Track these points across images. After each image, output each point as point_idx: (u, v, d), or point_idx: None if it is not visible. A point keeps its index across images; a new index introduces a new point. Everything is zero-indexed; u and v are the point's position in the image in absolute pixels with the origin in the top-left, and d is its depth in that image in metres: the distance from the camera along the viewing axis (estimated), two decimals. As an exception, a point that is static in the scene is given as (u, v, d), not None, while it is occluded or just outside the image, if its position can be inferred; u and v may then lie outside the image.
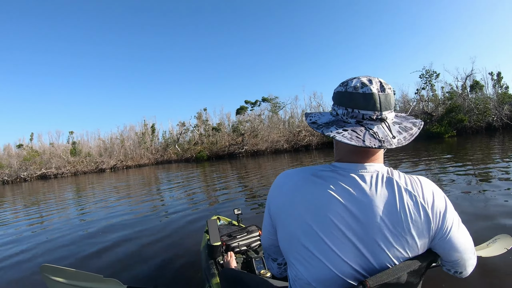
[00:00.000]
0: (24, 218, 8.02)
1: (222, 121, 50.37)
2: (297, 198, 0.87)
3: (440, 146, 16.62)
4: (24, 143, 52.18)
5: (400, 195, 0.82)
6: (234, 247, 2.39)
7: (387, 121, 0.86)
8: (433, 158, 10.96)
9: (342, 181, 0.85)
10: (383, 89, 0.84)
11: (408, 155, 12.75)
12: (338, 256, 0.81)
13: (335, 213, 0.82)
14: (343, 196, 0.83)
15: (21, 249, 4.71)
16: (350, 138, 0.82)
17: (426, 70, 34.02)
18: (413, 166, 9.30)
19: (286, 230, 0.90)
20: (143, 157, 47.62)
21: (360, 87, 0.84)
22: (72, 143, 53.65)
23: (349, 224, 0.81)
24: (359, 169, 0.87)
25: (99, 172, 41.27)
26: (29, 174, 39.69)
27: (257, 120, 43.04)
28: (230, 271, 1.63)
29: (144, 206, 7.81)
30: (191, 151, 44.44)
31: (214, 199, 7.68)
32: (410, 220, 0.80)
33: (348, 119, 0.87)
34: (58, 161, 42.81)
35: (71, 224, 6.34)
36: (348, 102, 0.86)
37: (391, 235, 0.80)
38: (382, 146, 0.80)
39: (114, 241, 4.57)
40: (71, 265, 3.60)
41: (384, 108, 0.84)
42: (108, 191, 13.11)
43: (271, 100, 45.53)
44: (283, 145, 35.38)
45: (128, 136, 54.16)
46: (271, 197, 0.97)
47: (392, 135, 0.83)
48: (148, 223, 5.57)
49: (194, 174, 17.26)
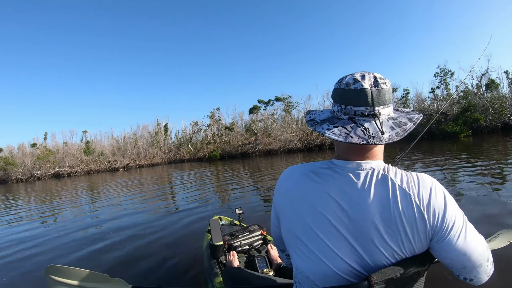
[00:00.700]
0: (36, 214, 8.44)
1: (235, 121, 50.55)
2: (295, 194, 0.90)
3: (456, 146, 16.61)
4: (38, 142, 53.24)
5: (394, 193, 0.80)
6: (236, 246, 2.43)
7: (381, 117, 0.85)
8: (448, 158, 10.98)
9: (338, 179, 0.86)
10: (377, 84, 0.83)
11: (422, 155, 12.85)
12: (334, 253, 0.83)
13: (330, 211, 0.83)
14: (337, 194, 0.84)
15: (31, 245, 5.01)
16: (338, 135, 0.83)
17: (441, 68, 34.06)
18: (427, 166, 9.39)
19: (287, 224, 0.93)
20: (156, 156, 48.06)
21: (352, 83, 0.83)
22: (85, 142, 54.56)
23: (344, 222, 0.82)
24: (355, 166, 0.87)
25: (112, 171, 41.81)
26: (43, 172, 40.42)
27: (270, 119, 43.21)
28: (233, 269, 1.67)
29: (151, 205, 8.04)
30: (204, 150, 44.85)
31: (221, 198, 7.87)
32: (404, 219, 0.78)
33: (341, 115, 0.88)
34: (71, 160, 43.57)
35: (77, 221, 6.68)
36: (341, 99, 0.87)
37: (385, 234, 0.79)
38: (369, 143, 0.79)
39: (119, 239, 4.73)
40: (78, 261, 3.94)
41: (377, 104, 0.83)
42: (117, 190, 13.57)
43: (284, 100, 45.58)
44: (296, 144, 35.61)
45: (141, 136, 54.86)
46: (276, 191, 1.01)
47: (382, 131, 0.82)
48: (154, 222, 5.73)
49: (205, 173, 17.54)
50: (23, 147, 53.49)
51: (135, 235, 4.88)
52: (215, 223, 2.38)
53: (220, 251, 2.30)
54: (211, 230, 2.31)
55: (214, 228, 2.34)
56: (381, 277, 0.77)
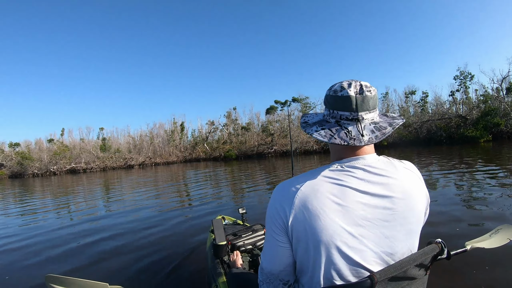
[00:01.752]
0: (42, 210, 8.81)
1: (251, 121, 50.98)
2: (322, 204, 0.84)
3: (475, 151, 16.45)
4: (55, 138, 54.59)
5: (407, 175, 0.94)
6: (240, 246, 2.42)
7: (364, 121, 0.93)
8: (467, 162, 10.98)
9: (354, 175, 0.89)
10: (362, 92, 0.91)
11: (440, 158, 12.93)
12: (368, 248, 0.84)
13: (359, 205, 0.85)
14: (360, 187, 0.87)
15: (32, 242, 5.10)
16: (323, 136, 0.93)
17: (461, 71, 33.90)
18: (444, 169, 9.43)
19: (314, 240, 0.84)
20: (172, 154, 48.56)
21: (339, 90, 0.93)
22: (102, 139, 55.59)
23: (374, 214, 0.86)
24: (362, 161, 0.93)
25: (127, 168, 42.13)
26: (59, 168, 41.18)
27: (286, 120, 43.25)
28: (238, 272, 1.69)
29: (159, 203, 8.15)
30: (220, 150, 45.18)
31: (230, 198, 7.97)
32: (420, 196, 0.93)
33: (330, 119, 0.97)
34: (87, 157, 44.38)
35: (77, 219, 6.89)
36: (330, 104, 0.97)
37: (412, 216, 0.91)
38: (349, 144, 0.89)
39: (119, 239, 4.76)
40: (79, 264, 3.89)
41: (361, 109, 0.91)
42: (129, 187, 13.93)
43: (301, 100, 45.45)
44: (313, 146, 35.98)
45: (157, 134, 55.53)
46: (294, 218, 0.87)
47: (362, 134, 0.91)
48: (159, 222, 5.76)
49: (221, 173, 17.64)
50: (41, 142, 54.55)
51: (137, 236, 4.90)
52: (218, 223, 2.38)
53: (224, 251, 2.29)
54: (214, 230, 2.31)
55: (218, 228, 2.33)
56: (384, 275, 0.80)
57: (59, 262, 4.01)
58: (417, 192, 0.93)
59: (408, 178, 0.93)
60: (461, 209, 4.74)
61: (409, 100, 41.78)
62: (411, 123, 33.45)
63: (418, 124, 32.90)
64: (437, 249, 0.93)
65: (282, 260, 0.94)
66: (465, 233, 3.69)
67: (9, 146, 48.17)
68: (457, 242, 3.38)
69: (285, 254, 0.93)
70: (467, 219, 4.21)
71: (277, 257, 0.95)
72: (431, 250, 0.91)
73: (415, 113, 38.93)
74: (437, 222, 4.14)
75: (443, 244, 0.95)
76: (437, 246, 0.93)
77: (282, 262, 0.95)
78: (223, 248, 2.26)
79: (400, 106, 43.32)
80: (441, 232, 3.76)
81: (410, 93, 41.11)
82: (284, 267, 0.95)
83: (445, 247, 0.95)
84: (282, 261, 0.95)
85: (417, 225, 0.93)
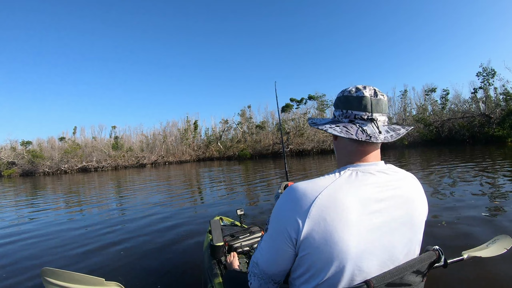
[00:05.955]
0: (42, 209, 8.85)
1: (266, 119, 50.91)
2: (341, 216, 0.83)
3: (502, 151, 15.97)
4: (67, 136, 55.56)
5: (413, 183, 1.01)
6: (237, 247, 2.45)
7: (378, 122, 0.97)
8: (490, 164, 10.63)
9: (371, 182, 0.91)
10: (376, 95, 0.96)
11: (462, 160, 12.68)
12: (374, 256, 0.87)
13: (374, 214, 0.87)
14: (376, 195, 0.89)
15: (31, 241, 5.14)
16: (340, 132, 0.95)
17: (484, 67, 33.41)
18: (468, 172, 9.09)
19: (327, 252, 0.82)
20: (185, 153, 48.92)
21: (355, 91, 0.97)
22: (114, 138, 56.14)
23: (386, 222, 0.89)
24: (375, 167, 0.95)
25: (139, 167, 42.28)
26: (70, 166, 41.47)
27: (302, 118, 42.95)
28: (234, 273, 1.71)
29: (159, 203, 8.16)
30: (234, 149, 45.41)
31: (232, 198, 7.97)
32: (423, 205, 1.00)
33: (342, 119, 1.01)
34: (99, 155, 44.70)
35: (77, 218, 6.96)
36: (343, 105, 1.00)
37: (417, 220, 0.97)
38: (368, 140, 0.92)
39: (119, 239, 4.81)
40: (77, 259, 4.01)
41: (375, 111, 0.96)
42: (131, 186, 14.05)
43: (318, 98, 45.04)
44: (330, 145, 35.51)
45: (170, 132, 56.01)
46: (309, 230, 0.83)
47: (379, 131, 0.94)
48: (158, 221, 5.82)
49: (235, 172, 17.48)
50: (53, 140, 55.64)
51: (135, 235, 4.97)
52: (216, 224, 2.43)
53: (221, 252, 2.33)
54: (212, 231, 2.36)
55: (215, 228, 2.38)
56: (380, 281, 0.81)
57: (55, 258, 4.18)
58: (421, 201, 1.00)
59: (414, 186, 1.00)
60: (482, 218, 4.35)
61: (429, 98, 41.36)
62: (432, 122, 33.26)
63: (439, 123, 32.75)
64: (434, 257, 0.95)
65: (280, 265, 0.96)
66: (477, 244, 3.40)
67: (21, 144, 48.94)
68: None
69: (284, 261, 0.94)
70: (483, 231, 3.84)
71: (275, 262, 0.96)
72: (428, 257, 0.94)
73: (433, 111, 38.50)
74: (454, 228, 3.99)
75: (440, 252, 0.96)
76: (434, 253, 0.95)
77: (279, 267, 0.96)
78: (220, 249, 2.34)
79: (418, 104, 42.68)
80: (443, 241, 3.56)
81: (430, 91, 40.66)
82: (280, 271, 0.97)
83: (442, 254, 0.96)
84: (280, 266, 0.96)
85: (420, 233, 0.99)
